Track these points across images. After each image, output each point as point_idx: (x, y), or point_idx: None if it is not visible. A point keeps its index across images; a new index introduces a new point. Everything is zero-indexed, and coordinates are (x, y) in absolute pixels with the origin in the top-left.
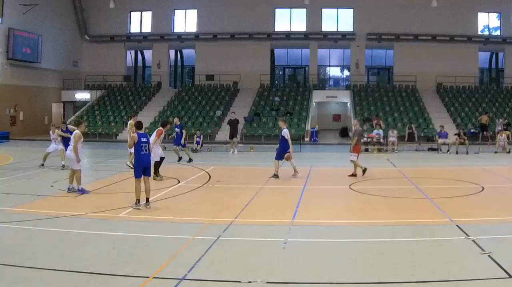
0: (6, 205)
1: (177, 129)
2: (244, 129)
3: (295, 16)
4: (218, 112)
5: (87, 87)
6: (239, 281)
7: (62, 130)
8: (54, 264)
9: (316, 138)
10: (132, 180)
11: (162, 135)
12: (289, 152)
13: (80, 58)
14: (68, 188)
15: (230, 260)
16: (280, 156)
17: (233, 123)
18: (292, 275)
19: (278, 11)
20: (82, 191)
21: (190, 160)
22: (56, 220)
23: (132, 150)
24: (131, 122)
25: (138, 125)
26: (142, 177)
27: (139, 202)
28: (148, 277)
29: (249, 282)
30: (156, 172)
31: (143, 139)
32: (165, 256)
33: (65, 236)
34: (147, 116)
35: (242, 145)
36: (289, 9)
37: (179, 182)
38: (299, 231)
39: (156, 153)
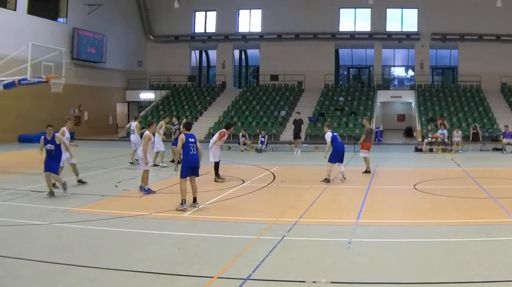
0: (70, 205)
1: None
2: (308, 129)
3: (359, 16)
4: (283, 112)
5: (152, 87)
6: (304, 281)
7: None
8: (118, 264)
9: (381, 138)
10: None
11: (225, 137)
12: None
13: (144, 58)
14: (140, 187)
15: (295, 260)
16: (331, 159)
17: (298, 123)
18: (357, 275)
19: (343, 11)
20: (148, 191)
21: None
22: (120, 220)
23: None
24: (161, 122)
25: (187, 126)
26: (191, 177)
27: (185, 202)
28: (212, 277)
29: (314, 282)
30: (217, 174)
31: (191, 140)
32: (229, 256)
33: (130, 236)
34: (211, 116)
35: (306, 144)
36: (354, 9)
37: (243, 182)
38: (363, 231)
39: (216, 154)
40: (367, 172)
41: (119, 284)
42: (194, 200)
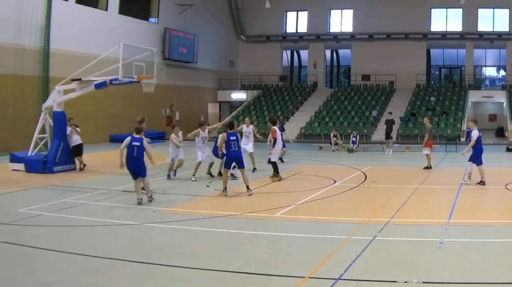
0: (162, 205)
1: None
2: (399, 129)
3: (451, 16)
4: (374, 112)
5: (243, 87)
6: (395, 281)
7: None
8: (210, 264)
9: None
10: (288, 180)
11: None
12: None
13: (236, 58)
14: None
15: (386, 260)
16: (478, 160)
17: (389, 123)
18: (449, 275)
19: (434, 11)
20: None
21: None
22: (212, 220)
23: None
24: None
25: (230, 125)
26: (239, 169)
27: (226, 190)
28: (304, 277)
29: (405, 282)
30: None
31: (232, 138)
32: (320, 256)
33: (221, 236)
34: (303, 116)
35: (397, 144)
36: (445, 9)
37: (335, 182)
38: (455, 231)
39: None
40: (427, 168)
41: (210, 284)
42: (247, 187)
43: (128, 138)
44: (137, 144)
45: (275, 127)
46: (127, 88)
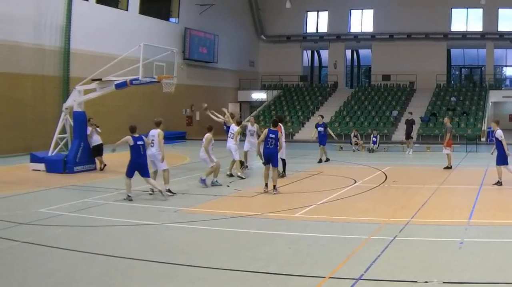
0: (182, 205)
1: (320, 129)
2: (420, 129)
3: (471, 16)
4: (395, 112)
5: (264, 87)
6: (416, 281)
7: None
8: (230, 264)
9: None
10: (308, 180)
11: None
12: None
13: (256, 58)
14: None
15: (406, 260)
16: (500, 160)
17: (409, 123)
18: (469, 275)
19: (455, 11)
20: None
21: (327, 159)
22: (232, 220)
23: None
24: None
25: (273, 123)
26: (272, 168)
27: (266, 186)
28: (324, 277)
29: (426, 282)
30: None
31: (271, 136)
32: (341, 256)
33: (241, 236)
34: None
35: (418, 144)
36: (466, 9)
37: (355, 182)
38: (475, 231)
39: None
40: (448, 168)
41: (231, 284)
42: (274, 187)
43: (129, 138)
44: (141, 143)
45: (280, 125)
46: (147, 88)
